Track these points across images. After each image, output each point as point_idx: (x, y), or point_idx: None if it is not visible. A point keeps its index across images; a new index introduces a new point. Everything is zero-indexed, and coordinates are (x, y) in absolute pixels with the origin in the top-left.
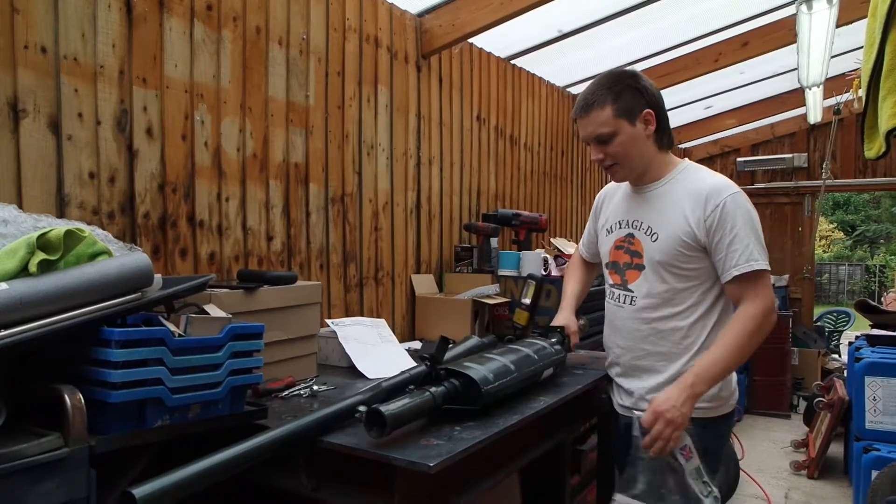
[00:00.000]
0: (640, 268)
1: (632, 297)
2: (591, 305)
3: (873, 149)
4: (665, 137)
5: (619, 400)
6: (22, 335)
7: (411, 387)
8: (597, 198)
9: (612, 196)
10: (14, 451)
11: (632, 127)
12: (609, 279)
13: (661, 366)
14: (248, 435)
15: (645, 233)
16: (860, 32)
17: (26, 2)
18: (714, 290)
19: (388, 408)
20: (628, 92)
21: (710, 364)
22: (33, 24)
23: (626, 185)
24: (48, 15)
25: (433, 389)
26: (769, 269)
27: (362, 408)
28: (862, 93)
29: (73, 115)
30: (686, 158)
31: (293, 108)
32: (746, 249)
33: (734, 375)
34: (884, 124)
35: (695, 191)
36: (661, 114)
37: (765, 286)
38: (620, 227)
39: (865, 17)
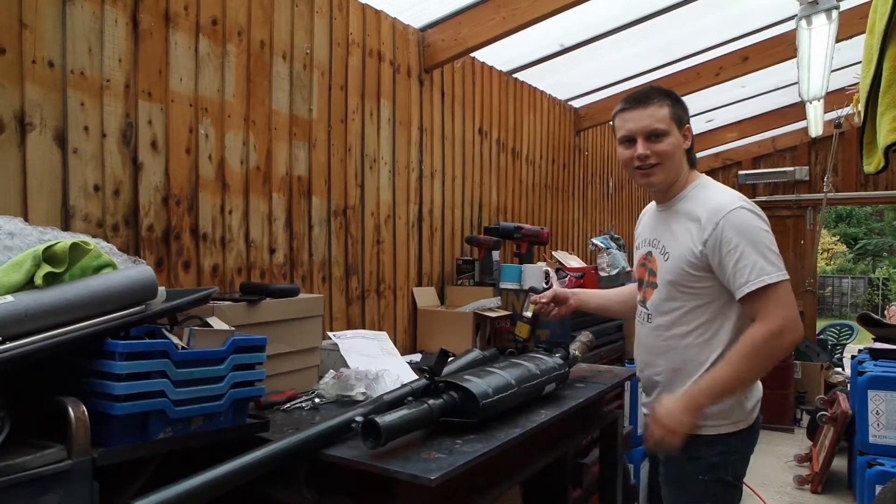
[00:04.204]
0: (654, 286)
1: (648, 314)
2: (594, 319)
3: (872, 163)
4: (692, 156)
5: (642, 410)
6: (27, 347)
7: (410, 398)
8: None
9: (644, 216)
10: (17, 463)
11: (679, 134)
12: (637, 295)
13: (678, 381)
14: (249, 448)
15: (660, 252)
16: (859, 47)
17: (34, 17)
18: (728, 308)
19: (384, 419)
20: (679, 103)
21: (713, 381)
22: (41, 39)
23: (654, 205)
24: (56, 30)
25: (431, 402)
26: (785, 278)
27: (359, 418)
28: (861, 107)
29: (79, 129)
30: (703, 175)
31: (296, 122)
32: (755, 266)
33: (757, 390)
34: (882, 139)
35: (698, 211)
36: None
37: (777, 301)
38: (644, 245)
39: (864, 32)
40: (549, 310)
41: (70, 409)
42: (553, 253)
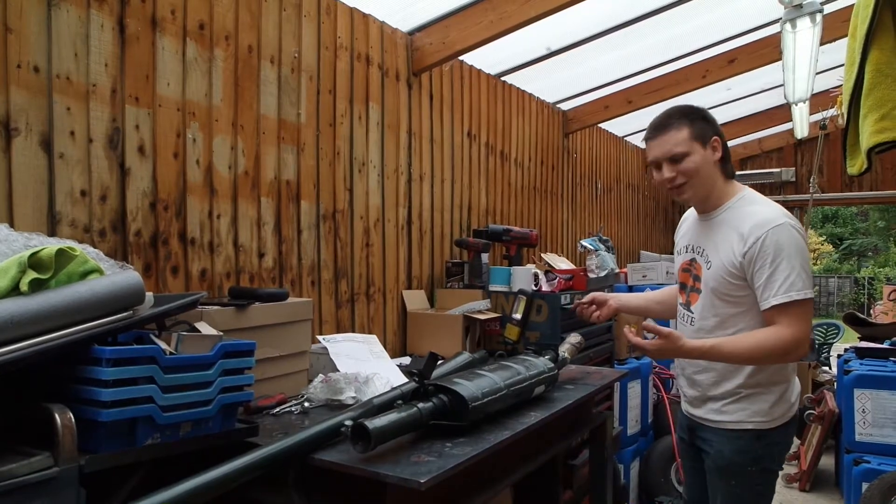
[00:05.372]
0: (699, 291)
1: (691, 317)
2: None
3: (856, 165)
4: (728, 167)
5: (683, 404)
6: (13, 354)
7: (399, 402)
8: (676, 229)
9: (685, 221)
10: (3, 471)
11: (703, 150)
12: (679, 297)
13: (717, 382)
14: (239, 452)
15: (704, 260)
16: (843, 50)
17: (19, 21)
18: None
19: (374, 422)
20: (700, 120)
21: (713, 349)
22: (26, 44)
23: (694, 211)
24: (41, 34)
25: (420, 405)
26: (811, 297)
27: (348, 422)
28: (844, 110)
29: (65, 134)
30: (747, 188)
31: (285, 126)
32: (787, 280)
33: (796, 387)
34: (865, 142)
35: (743, 224)
36: (724, 144)
37: (801, 315)
38: (687, 252)
39: (847, 36)
40: (590, 311)
41: (56, 415)
42: (542, 255)
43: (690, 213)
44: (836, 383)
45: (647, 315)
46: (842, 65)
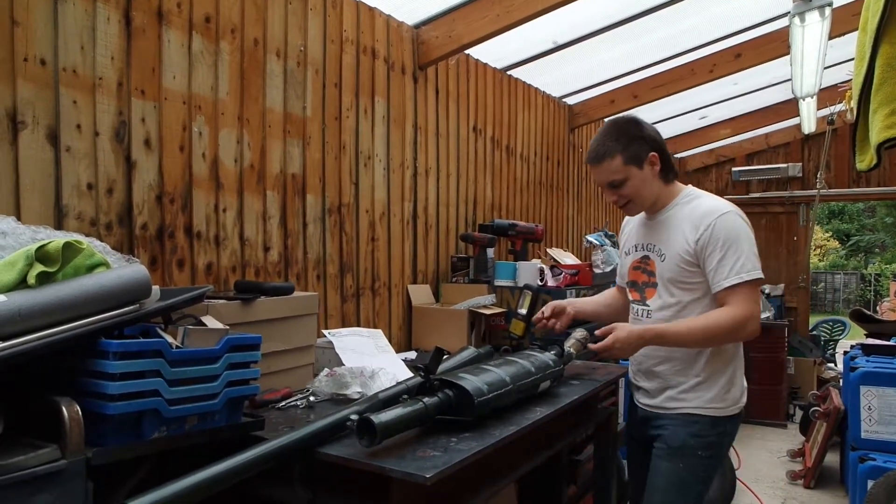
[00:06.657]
0: (654, 285)
1: (648, 311)
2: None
3: (865, 161)
4: (670, 173)
5: (638, 397)
6: (21, 347)
7: (405, 397)
8: (620, 230)
9: (630, 223)
10: (11, 463)
11: (640, 171)
12: (630, 296)
13: (677, 371)
14: (244, 446)
15: (657, 254)
16: (852, 44)
17: (26, 15)
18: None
19: (379, 417)
20: (635, 142)
21: (674, 332)
22: (33, 37)
23: (640, 214)
24: (48, 28)
25: (426, 400)
26: (761, 277)
27: (354, 417)
28: (854, 104)
29: (72, 127)
30: (689, 185)
31: (290, 120)
32: (737, 263)
33: (742, 380)
34: (874, 137)
35: (691, 215)
36: (663, 154)
37: (749, 295)
38: (637, 251)
39: (857, 29)
40: (552, 325)
41: (64, 408)
42: (548, 250)
43: (634, 218)
44: (841, 380)
45: (598, 319)
46: (851, 59)
